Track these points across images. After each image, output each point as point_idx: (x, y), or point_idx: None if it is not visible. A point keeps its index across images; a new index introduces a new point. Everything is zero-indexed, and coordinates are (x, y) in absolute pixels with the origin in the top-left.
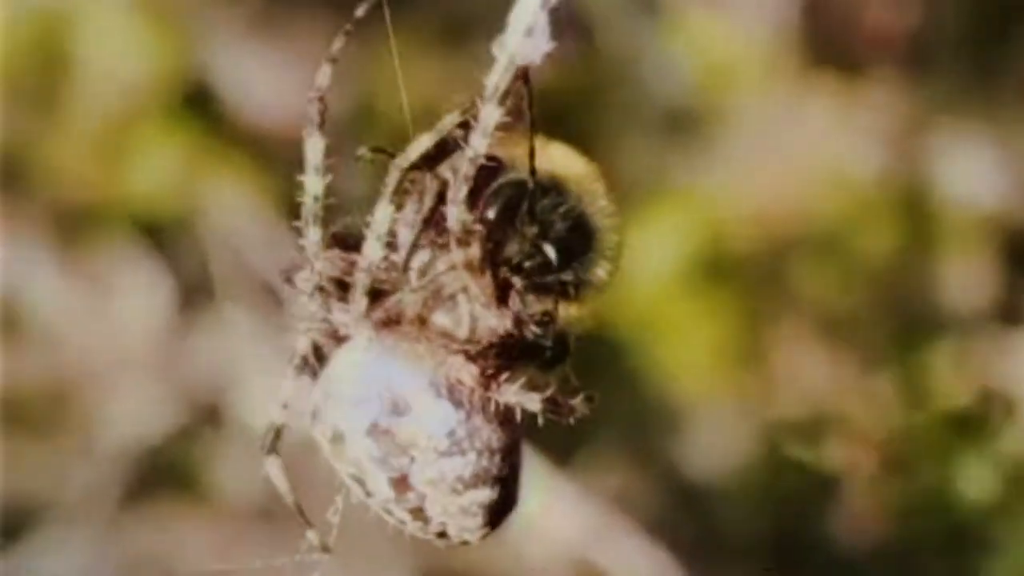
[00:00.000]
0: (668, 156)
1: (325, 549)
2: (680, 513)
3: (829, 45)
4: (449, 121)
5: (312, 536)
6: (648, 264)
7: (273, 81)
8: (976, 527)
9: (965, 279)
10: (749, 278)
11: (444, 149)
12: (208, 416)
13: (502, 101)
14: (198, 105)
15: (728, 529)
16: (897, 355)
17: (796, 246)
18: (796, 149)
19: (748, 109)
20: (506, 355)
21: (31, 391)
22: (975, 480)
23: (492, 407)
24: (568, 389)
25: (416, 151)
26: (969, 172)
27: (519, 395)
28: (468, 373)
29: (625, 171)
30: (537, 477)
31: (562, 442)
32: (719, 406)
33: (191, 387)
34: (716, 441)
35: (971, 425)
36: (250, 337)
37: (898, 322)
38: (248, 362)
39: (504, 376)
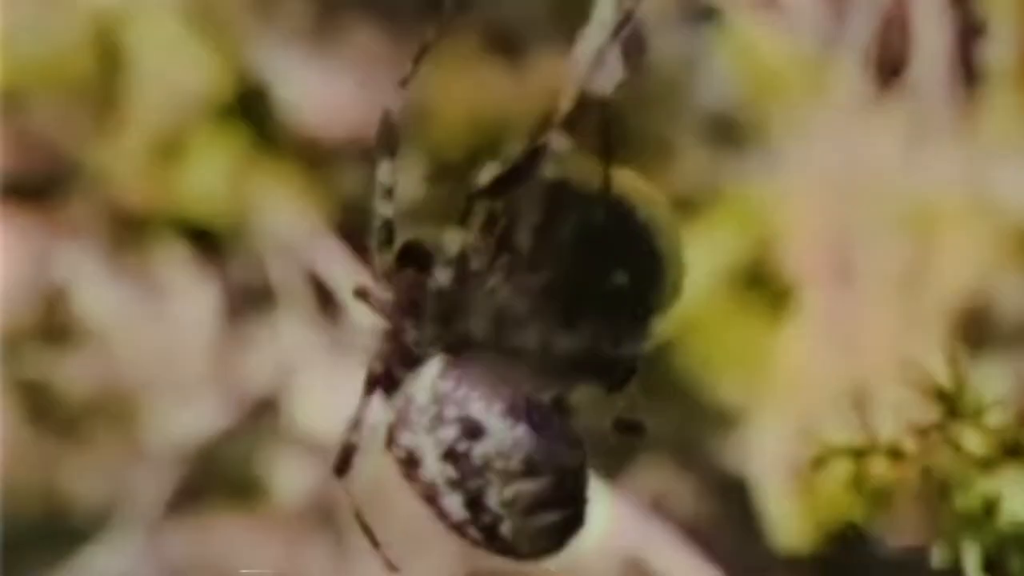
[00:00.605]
0: (719, 165)
1: (392, 568)
2: (724, 517)
3: (887, 56)
4: (519, 151)
5: (381, 555)
6: (696, 270)
7: (325, 87)
8: (1021, 544)
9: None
10: (803, 288)
11: (514, 175)
12: (261, 420)
13: (570, 127)
14: (251, 111)
15: (773, 534)
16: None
17: (848, 257)
18: (850, 161)
19: (802, 120)
20: (579, 375)
21: (84, 395)
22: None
23: (566, 428)
24: (632, 408)
25: (486, 178)
26: None
27: (592, 415)
28: (546, 395)
29: (676, 179)
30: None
31: (609, 446)
32: (765, 411)
33: (244, 392)
34: (762, 446)
35: (1019, 443)
36: (303, 342)
37: (953, 335)
38: (300, 367)
39: (577, 398)
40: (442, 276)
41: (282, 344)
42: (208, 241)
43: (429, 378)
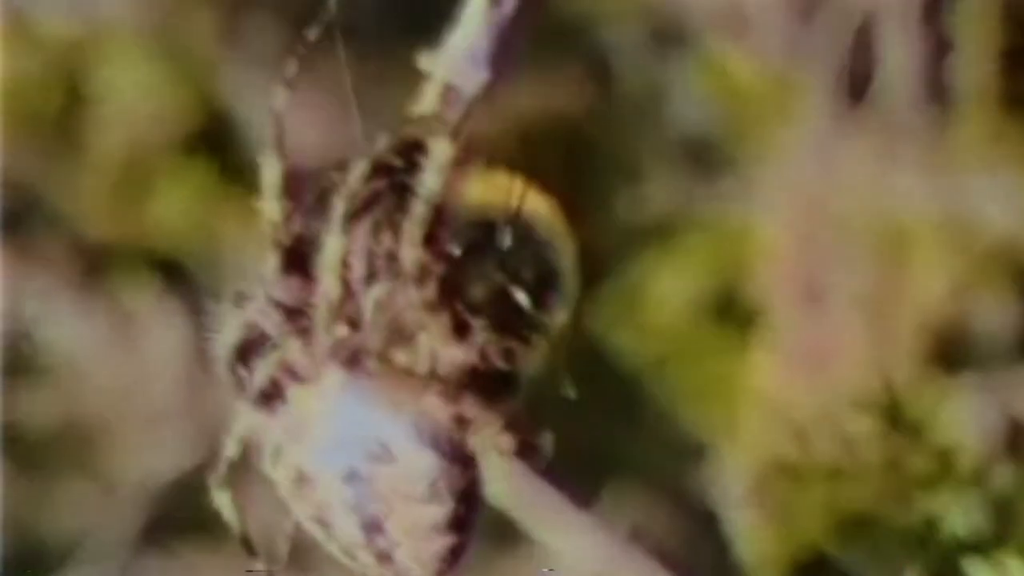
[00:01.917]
0: (691, 189)
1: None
2: (700, 546)
3: (860, 78)
4: (382, 142)
5: (259, 565)
6: (669, 297)
7: (293, 116)
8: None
9: (998, 316)
10: (776, 315)
11: (386, 170)
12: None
13: (454, 136)
14: (217, 141)
15: (747, 566)
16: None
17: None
18: (824, 183)
19: (774, 143)
20: (476, 393)
21: (50, 430)
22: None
23: (465, 450)
24: (529, 428)
25: (355, 178)
26: (1009, 209)
27: (494, 437)
28: (445, 414)
29: (648, 204)
30: (556, 511)
31: (581, 475)
32: (737, 440)
33: (213, 428)
34: (737, 474)
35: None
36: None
37: (927, 357)
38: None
39: (480, 418)
40: (330, 286)
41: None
42: (176, 274)
43: (328, 396)
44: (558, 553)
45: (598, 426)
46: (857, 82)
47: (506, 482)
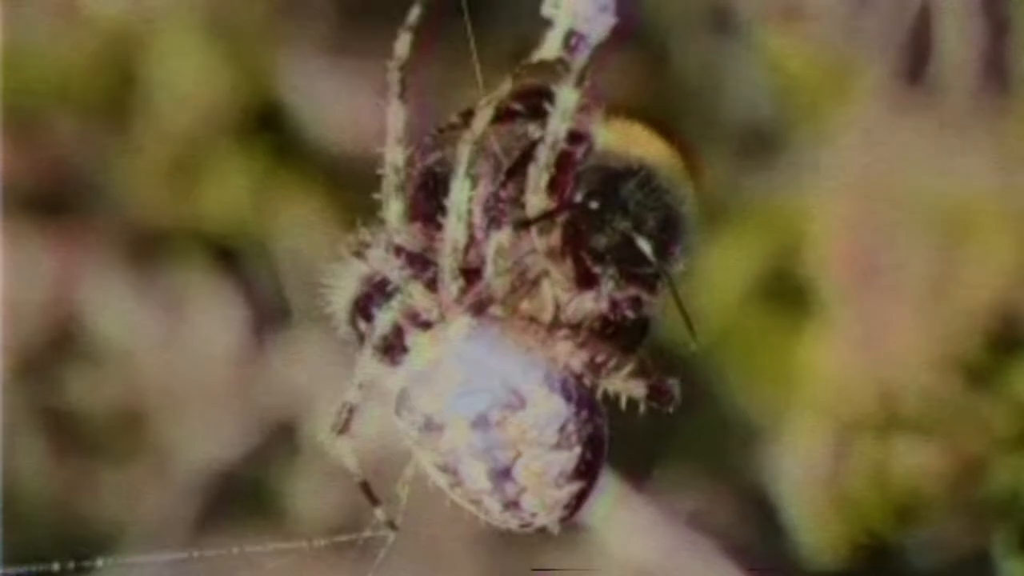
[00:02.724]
0: (746, 174)
1: (392, 526)
2: (760, 533)
3: (917, 61)
4: (504, 88)
5: (380, 513)
6: (724, 282)
7: (345, 100)
8: None
9: None
10: (828, 297)
11: (510, 116)
12: (283, 438)
13: (578, 83)
14: (270, 126)
15: (806, 547)
16: (986, 370)
17: (878, 264)
18: (880, 165)
19: (830, 126)
20: (606, 340)
21: (106, 414)
22: None
23: (594, 398)
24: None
25: (481, 123)
26: None
27: (625, 382)
28: (578, 360)
29: (704, 190)
30: (614, 496)
31: (638, 461)
32: (795, 422)
33: (266, 409)
34: (792, 457)
35: None
36: (325, 358)
37: (988, 337)
38: (323, 384)
39: (612, 363)
40: (456, 232)
41: (304, 360)
42: (230, 257)
43: (455, 342)
44: (612, 537)
45: (652, 409)
46: (914, 65)
47: None
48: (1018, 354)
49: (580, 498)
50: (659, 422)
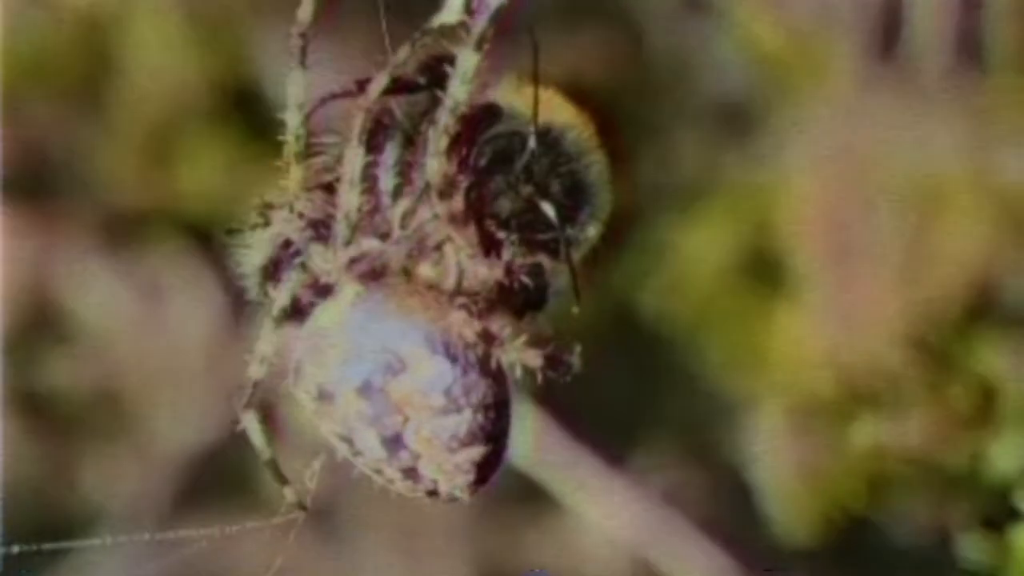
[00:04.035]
0: (722, 154)
1: (302, 507)
2: (736, 510)
3: (889, 37)
4: (403, 55)
5: (288, 493)
6: (700, 261)
7: (321, 83)
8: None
9: None
10: (804, 274)
11: (411, 84)
12: (261, 420)
13: (478, 46)
14: (246, 108)
15: (785, 527)
16: (953, 345)
17: (853, 241)
18: (855, 142)
19: (804, 104)
20: (502, 308)
21: (83, 397)
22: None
23: (488, 362)
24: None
25: (376, 89)
26: None
27: (521, 352)
28: (470, 329)
29: (678, 169)
30: (592, 475)
31: (616, 439)
32: (770, 399)
33: (244, 391)
34: (770, 437)
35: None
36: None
37: (959, 314)
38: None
39: (506, 332)
40: (348, 198)
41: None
42: (206, 240)
43: (341, 309)
44: (589, 515)
45: (630, 388)
46: (887, 41)
47: (536, 445)
48: (985, 330)
49: (484, 465)
50: (636, 400)
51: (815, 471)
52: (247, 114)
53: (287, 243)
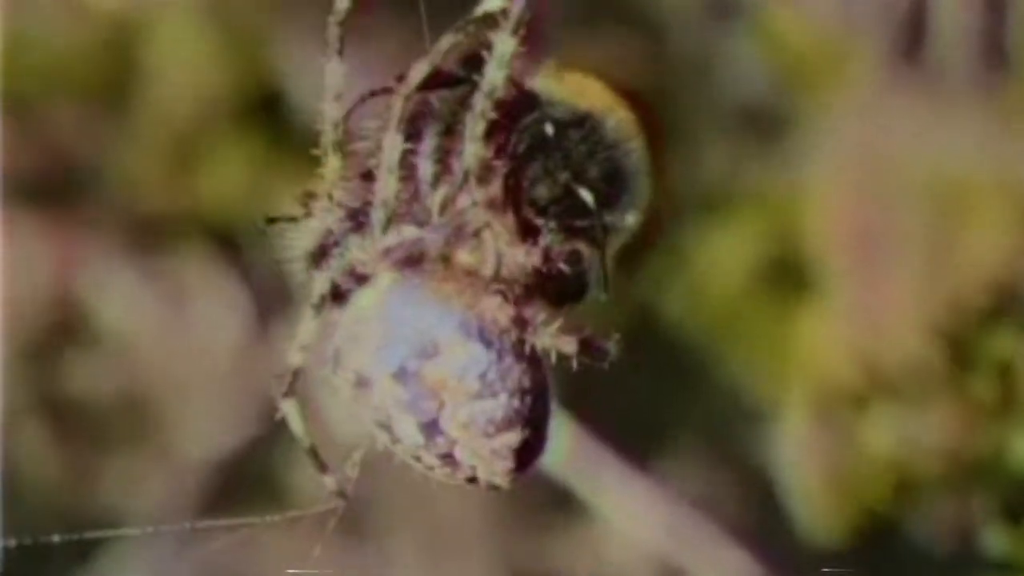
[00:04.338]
0: (745, 157)
1: (342, 496)
2: (762, 513)
3: (914, 38)
4: (445, 42)
5: (329, 482)
6: (725, 265)
7: (346, 86)
8: None
9: None
10: (832, 279)
11: (447, 76)
12: (286, 425)
13: (515, 30)
14: (269, 112)
15: (811, 529)
16: (974, 340)
17: (877, 242)
18: (879, 144)
19: (828, 106)
20: (539, 295)
21: (108, 402)
22: None
23: (524, 347)
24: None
25: (416, 77)
26: None
27: (555, 337)
28: (504, 314)
29: (701, 172)
30: (618, 478)
31: (642, 443)
32: (795, 403)
33: (269, 395)
34: (795, 440)
35: None
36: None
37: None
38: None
39: (540, 318)
40: (386, 186)
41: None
42: (230, 243)
43: (378, 294)
44: (616, 518)
45: (655, 392)
46: (911, 43)
47: (563, 449)
48: (1007, 325)
49: (521, 450)
50: (662, 404)
51: (840, 473)
52: (271, 118)
53: (329, 232)
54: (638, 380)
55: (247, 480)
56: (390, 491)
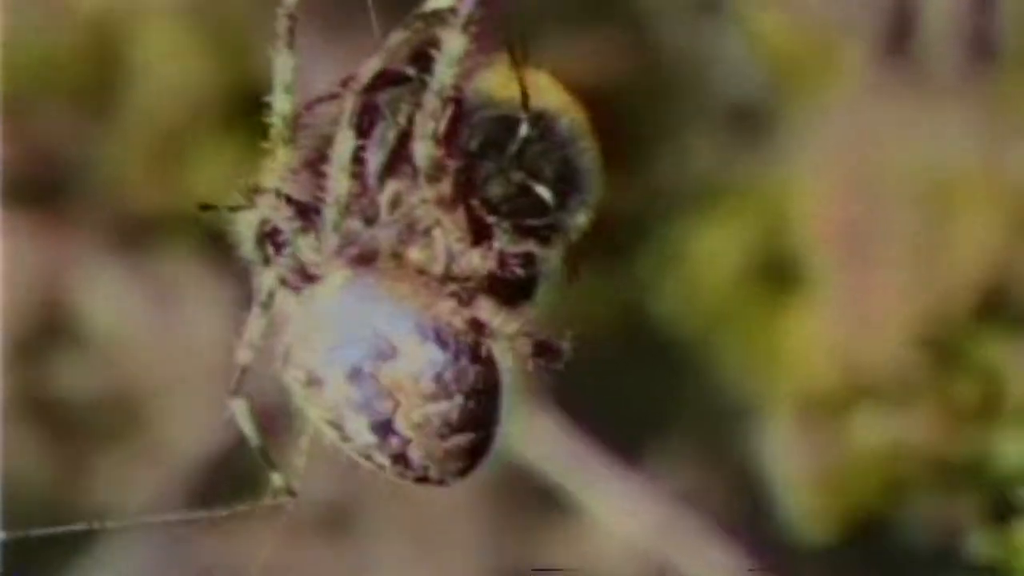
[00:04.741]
0: (733, 155)
1: (291, 492)
2: (751, 510)
3: (901, 34)
4: (395, 40)
5: (277, 479)
6: (713, 259)
7: (331, 85)
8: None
9: None
10: (817, 274)
11: (394, 77)
12: (273, 424)
13: (465, 28)
14: (256, 110)
15: (800, 526)
16: (961, 340)
17: (866, 240)
18: (867, 141)
19: (816, 103)
20: (492, 296)
21: (96, 401)
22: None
23: (479, 349)
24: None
25: (367, 74)
26: None
27: (511, 340)
28: (460, 318)
29: (690, 169)
30: (607, 475)
31: (631, 440)
32: (784, 401)
33: (256, 394)
34: (784, 437)
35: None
36: None
37: (970, 310)
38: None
39: (496, 321)
40: (338, 184)
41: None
42: (218, 242)
43: (330, 295)
44: (604, 515)
45: (644, 389)
46: (898, 38)
47: (551, 446)
48: (993, 326)
49: (473, 451)
50: (651, 401)
51: (829, 470)
52: (257, 117)
53: (275, 230)
54: (626, 376)
55: (234, 480)
56: (376, 487)
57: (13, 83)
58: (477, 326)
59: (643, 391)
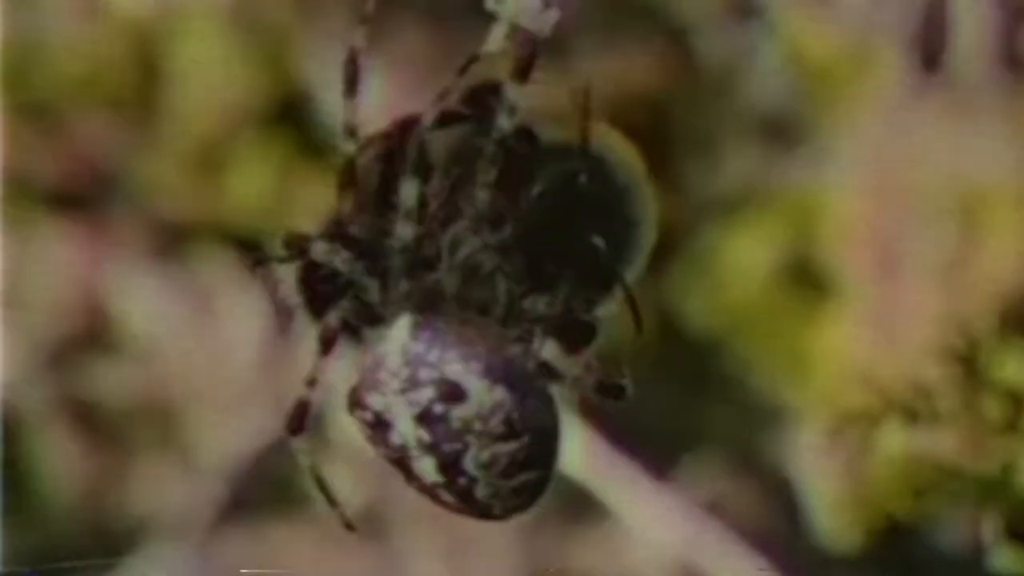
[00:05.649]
0: (766, 164)
1: (349, 527)
2: (781, 519)
3: (934, 47)
4: (452, 84)
5: (339, 515)
6: (745, 268)
7: (371, 90)
8: None
9: None
10: (848, 284)
11: (455, 118)
12: (308, 430)
13: (521, 77)
14: (294, 117)
15: (830, 536)
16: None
17: (897, 251)
18: (899, 152)
19: (849, 114)
20: (555, 339)
21: (132, 408)
22: None
23: (546, 390)
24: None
25: (428, 119)
26: None
27: (576, 382)
28: (527, 360)
29: (723, 178)
30: (634, 482)
31: (662, 450)
32: (811, 408)
33: (291, 402)
34: (814, 447)
35: None
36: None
37: (1003, 323)
38: (347, 376)
39: (561, 364)
40: (404, 230)
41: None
42: (254, 250)
43: (400, 339)
44: (636, 524)
45: (674, 397)
46: (931, 51)
47: (583, 455)
48: (1018, 340)
49: (534, 487)
50: (681, 410)
51: (858, 480)
52: (296, 125)
53: (333, 274)
54: (658, 386)
55: (269, 485)
56: (410, 493)
57: (52, 91)
58: (545, 369)
59: (673, 400)
